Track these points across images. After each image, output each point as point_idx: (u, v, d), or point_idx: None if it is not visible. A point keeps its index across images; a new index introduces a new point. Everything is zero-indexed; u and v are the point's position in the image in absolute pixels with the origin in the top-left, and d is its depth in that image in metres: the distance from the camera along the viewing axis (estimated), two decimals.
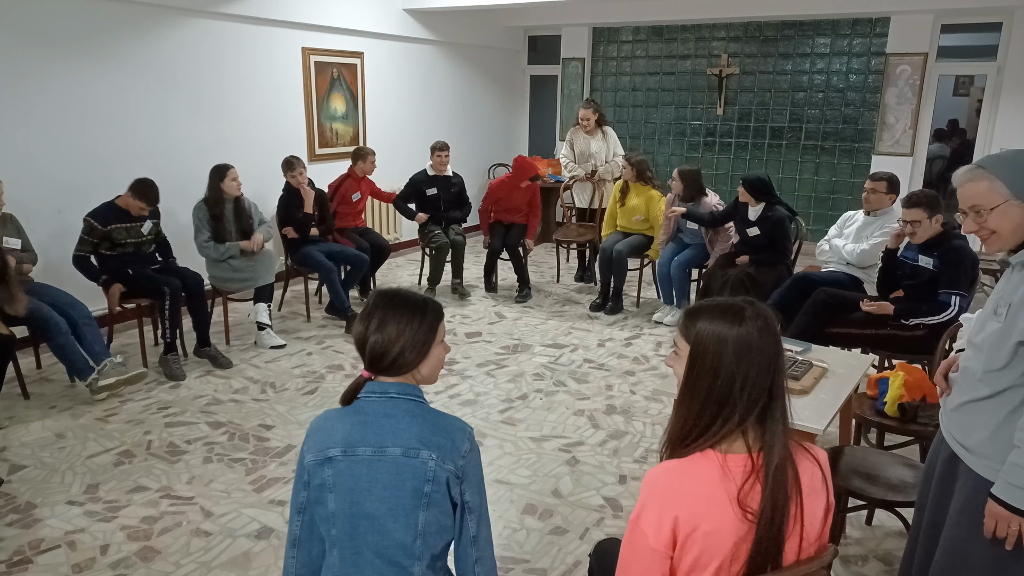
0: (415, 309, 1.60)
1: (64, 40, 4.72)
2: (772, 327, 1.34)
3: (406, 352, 1.57)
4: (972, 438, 1.75)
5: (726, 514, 1.29)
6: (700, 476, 1.32)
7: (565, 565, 2.70)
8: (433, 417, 1.59)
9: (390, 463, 1.53)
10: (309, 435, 1.62)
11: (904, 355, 3.72)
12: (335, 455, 1.55)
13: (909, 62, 7.03)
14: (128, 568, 2.65)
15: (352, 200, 5.93)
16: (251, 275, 4.91)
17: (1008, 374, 1.67)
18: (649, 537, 1.33)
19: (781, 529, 1.30)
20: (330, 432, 1.58)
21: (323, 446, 1.57)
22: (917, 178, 7.27)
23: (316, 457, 1.56)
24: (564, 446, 3.63)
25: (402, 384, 1.60)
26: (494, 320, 5.61)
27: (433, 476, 1.52)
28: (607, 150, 6.39)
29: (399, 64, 7.52)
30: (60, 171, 4.80)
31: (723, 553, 1.30)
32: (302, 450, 1.62)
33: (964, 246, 3.58)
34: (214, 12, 5.59)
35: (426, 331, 1.59)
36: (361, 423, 1.56)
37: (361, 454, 1.54)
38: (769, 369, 1.31)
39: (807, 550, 1.36)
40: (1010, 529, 1.64)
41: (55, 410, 3.93)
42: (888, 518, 2.89)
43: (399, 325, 1.56)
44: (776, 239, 4.92)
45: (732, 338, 1.30)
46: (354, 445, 1.55)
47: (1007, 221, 1.69)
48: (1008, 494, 1.63)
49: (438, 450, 1.53)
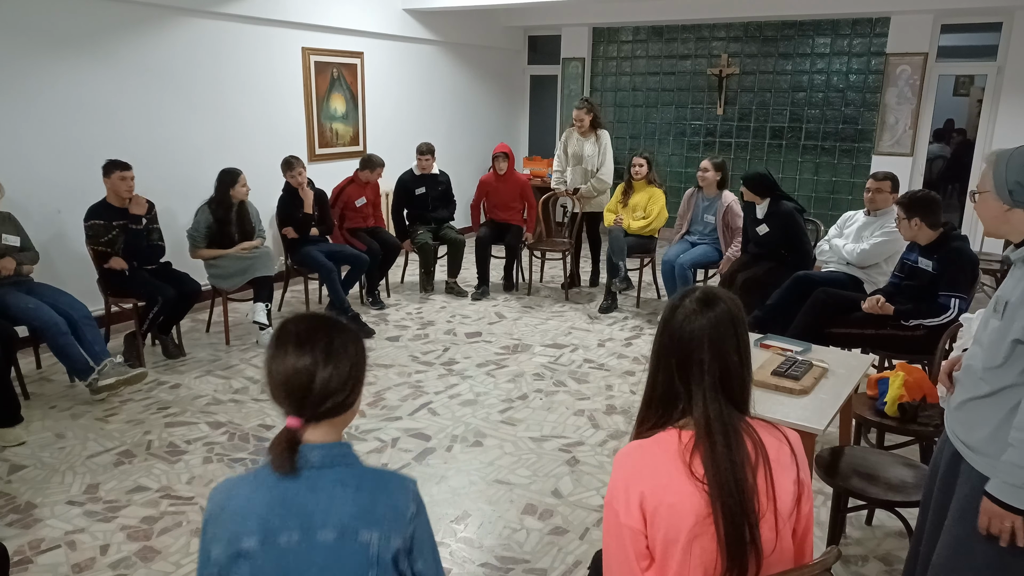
0: (352, 332, 1.34)
1: (64, 40, 4.72)
2: (739, 321, 1.40)
3: (356, 387, 1.32)
4: (974, 436, 1.76)
5: (685, 487, 1.33)
6: (660, 452, 1.38)
7: (565, 565, 2.70)
8: (370, 483, 1.30)
9: (323, 550, 1.25)
10: (212, 518, 1.29)
11: (904, 355, 3.73)
12: (250, 547, 1.24)
13: (909, 62, 7.03)
14: (128, 568, 2.65)
15: (356, 206, 5.94)
16: (248, 267, 4.91)
17: (1006, 372, 1.69)
18: (620, 515, 1.37)
19: (744, 496, 1.32)
20: (240, 516, 1.26)
21: (234, 535, 1.26)
22: (917, 178, 7.26)
23: (226, 550, 1.25)
24: (564, 446, 3.63)
25: (327, 446, 1.30)
26: (494, 320, 5.61)
27: (377, 560, 1.26)
28: (599, 155, 6.21)
29: (399, 64, 7.52)
30: (60, 171, 4.80)
31: (687, 526, 1.32)
32: (204, 536, 1.30)
33: (963, 247, 3.58)
34: (214, 12, 5.58)
35: (364, 359, 1.35)
36: (280, 502, 1.26)
37: (284, 544, 1.25)
38: (720, 353, 1.36)
39: (782, 528, 1.37)
40: (1004, 526, 1.65)
41: (55, 410, 3.93)
42: (888, 518, 2.89)
43: (348, 354, 1.30)
44: (790, 236, 4.73)
45: (700, 319, 1.37)
46: (274, 532, 1.25)
47: (985, 209, 1.81)
48: (1002, 492, 1.64)
49: (379, 526, 1.26)
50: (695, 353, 1.37)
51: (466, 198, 7.03)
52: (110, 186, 4.41)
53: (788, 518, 1.38)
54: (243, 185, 4.89)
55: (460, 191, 6.89)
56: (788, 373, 2.68)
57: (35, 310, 3.86)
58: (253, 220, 5.08)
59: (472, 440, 3.67)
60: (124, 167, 4.41)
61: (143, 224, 4.49)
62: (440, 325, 5.47)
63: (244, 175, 4.91)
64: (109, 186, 4.41)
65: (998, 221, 1.78)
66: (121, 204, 4.44)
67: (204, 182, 5.13)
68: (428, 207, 6.23)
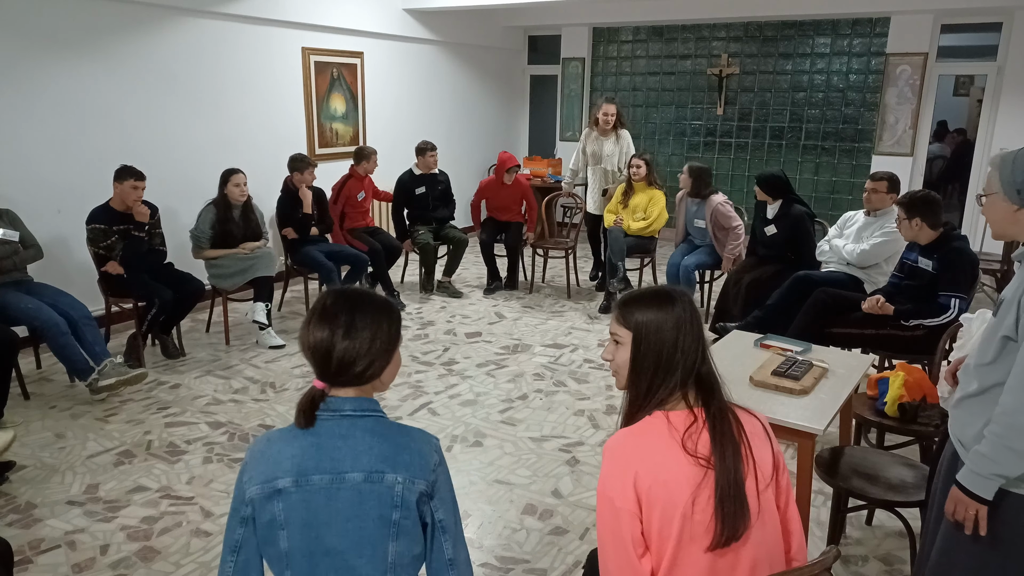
0: (382, 311, 1.42)
1: (64, 40, 4.72)
2: (695, 306, 1.54)
3: (376, 361, 1.40)
4: (967, 434, 1.77)
5: (678, 461, 1.41)
6: (651, 434, 1.46)
7: (565, 565, 2.70)
8: (396, 433, 1.42)
9: (351, 491, 1.35)
10: (250, 463, 1.40)
11: (904, 355, 3.73)
12: (285, 486, 1.35)
13: (909, 62, 7.03)
14: (128, 568, 2.65)
15: (358, 200, 5.94)
16: (249, 267, 4.91)
17: (995, 370, 1.70)
18: (616, 499, 1.42)
19: (738, 470, 1.41)
20: (277, 459, 1.37)
21: (270, 476, 1.36)
22: (917, 178, 7.27)
23: (262, 490, 1.35)
24: (564, 446, 3.63)
25: (358, 400, 1.41)
26: (494, 320, 5.61)
27: (402, 501, 1.36)
28: (620, 154, 6.24)
29: (399, 64, 7.52)
30: (60, 171, 4.80)
31: (683, 500, 1.38)
32: (240, 480, 1.40)
33: (964, 248, 3.58)
34: (214, 12, 5.59)
35: (394, 335, 1.43)
36: (314, 446, 1.37)
37: (316, 483, 1.35)
38: (697, 338, 1.49)
39: (763, 492, 1.46)
40: (968, 514, 1.69)
41: (55, 410, 3.93)
42: (888, 518, 2.89)
43: (370, 330, 1.38)
44: (797, 239, 4.70)
45: (670, 318, 1.49)
46: (307, 473, 1.35)
47: (992, 212, 1.80)
48: (968, 480, 1.68)
49: (405, 470, 1.36)
50: (689, 341, 1.49)
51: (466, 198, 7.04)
52: (119, 191, 4.38)
53: (768, 486, 1.47)
54: (236, 185, 4.85)
55: (460, 191, 6.89)
56: (788, 373, 2.68)
57: (35, 310, 3.86)
58: (260, 222, 5.07)
59: (472, 440, 3.67)
60: (139, 176, 4.38)
61: (145, 230, 4.49)
62: (440, 325, 5.47)
63: (240, 175, 4.87)
64: (118, 191, 4.38)
65: (1007, 222, 1.78)
66: (124, 209, 4.43)
67: (204, 182, 5.13)
68: (429, 207, 6.23)
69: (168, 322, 4.65)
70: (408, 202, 6.23)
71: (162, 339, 4.67)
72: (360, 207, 5.99)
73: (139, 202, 4.42)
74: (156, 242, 4.62)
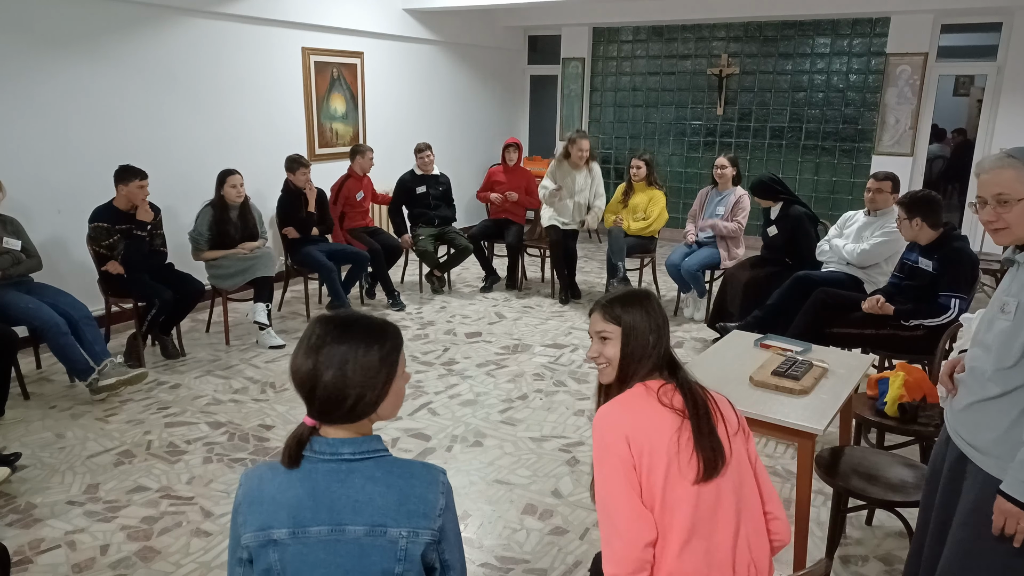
0: (373, 336, 1.31)
1: (64, 40, 4.72)
2: (659, 299, 1.79)
3: (366, 394, 1.29)
4: (982, 438, 1.74)
5: (659, 412, 1.63)
6: (634, 399, 1.68)
7: (565, 565, 2.70)
8: (399, 478, 1.31)
9: (352, 544, 1.27)
10: (243, 504, 1.31)
11: (904, 355, 3.72)
12: (281, 537, 1.26)
13: (909, 62, 7.03)
14: (128, 568, 2.65)
15: (357, 200, 5.94)
16: (249, 267, 4.91)
17: (1018, 372, 1.67)
18: (613, 454, 1.58)
19: (709, 416, 1.64)
20: (272, 507, 1.28)
21: (264, 524, 1.28)
22: (917, 178, 7.27)
23: (256, 538, 1.28)
24: (564, 446, 3.63)
25: (356, 441, 1.31)
26: (494, 320, 5.61)
27: (405, 555, 1.28)
28: (590, 189, 6.04)
29: (399, 64, 7.52)
30: (60, 171, 4.80)
31: (667, 440, 1.59)
32: (234, 522, 1.33)
33: (964, 248, 3.58)
34: (214, 12, 5.59)
35: (389, 365, 1.31)
36: (310, 495, 1.27)
37: (314, 535, 1.26)
38: (666, 325, 1.76)
39: (733, 437, 1.67)
40: (1020, 526, 1.63)
41: (55, 410, 3.93)
42: (888, 518, 2.88)
43: (356, 360, 1.28)
44: (798, 239, 4.73)
45: (648, 311, 1.74)
46: (304, 524, 1.27)
47: (1019, 215, 1.69)
48: (1017, 490, 1.62)
49: (408, 521, 1.28)
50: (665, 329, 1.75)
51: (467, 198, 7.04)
52: (125, 192, 4.38)
53: (736, 433, 1.68)
54: (232, 186, 4.84)
55: (460, 191, 6.89)
56: (788, 373, 2.68)
57: (35, 310, 3.86)
58: (256, 221, 5.07)
59: (472, 440, 3.67)
60: (143, 176, 4.40)
61: (147, 231, 4.49)
62: (440, 325, 5.47)
63: (236, 176, 4.86)
64: (124, 192, 4.39)
65: None
66: (128, 209, 4.44)
67: (204, 182, 5.13)
68: (430, 206, 6.23)
69: (168, 322, 4.65)
70: (409, 201, 6.23)
71: (162, 339, 4.67)
72: (359, 207, 5.98)
73: (146, 201, 4.44)
74: (157, 243, 4.62)
